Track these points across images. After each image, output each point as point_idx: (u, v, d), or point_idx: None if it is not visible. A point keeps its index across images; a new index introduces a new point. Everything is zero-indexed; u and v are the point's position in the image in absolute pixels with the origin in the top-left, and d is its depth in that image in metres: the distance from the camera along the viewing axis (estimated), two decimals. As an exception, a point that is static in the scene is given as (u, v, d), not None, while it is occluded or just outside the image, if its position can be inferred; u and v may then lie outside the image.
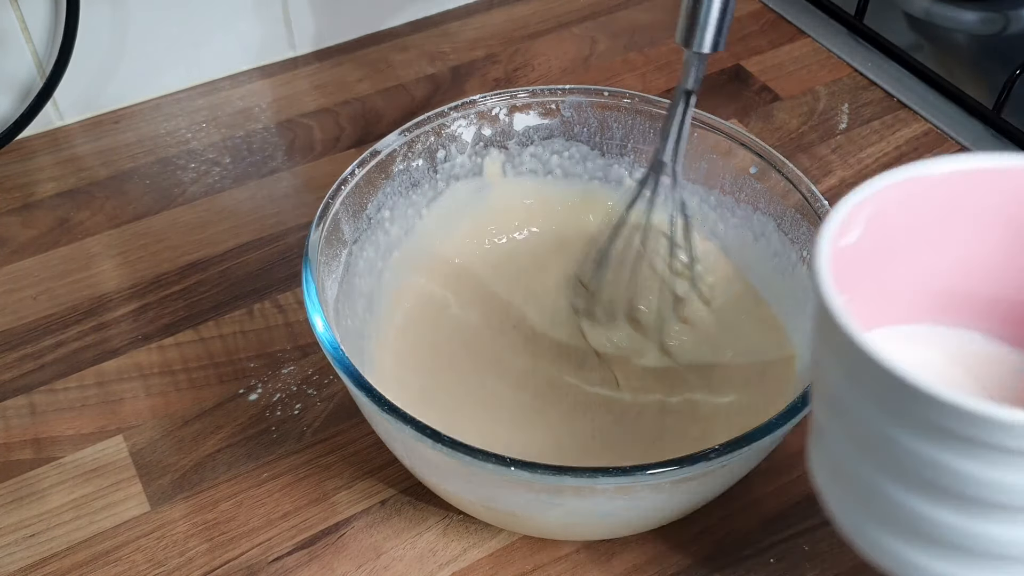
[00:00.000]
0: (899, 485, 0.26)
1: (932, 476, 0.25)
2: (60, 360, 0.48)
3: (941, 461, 0.25)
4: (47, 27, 0.57)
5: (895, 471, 0.26)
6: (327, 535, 0.42)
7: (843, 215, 0.27)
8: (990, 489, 0.25)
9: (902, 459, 0.25)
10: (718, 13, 0.39)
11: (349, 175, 0.43)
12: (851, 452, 0.27)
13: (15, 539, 0.42)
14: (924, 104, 0.62)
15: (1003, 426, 0.23)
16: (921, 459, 0.25)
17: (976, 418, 0.23)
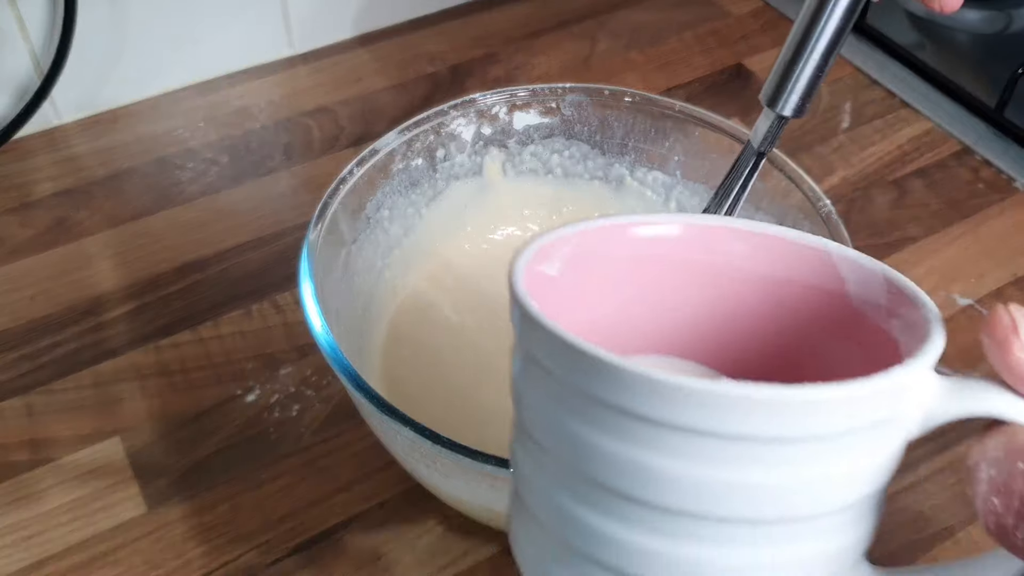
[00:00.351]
0: (599, 512, 0.24)
1: (630, 484, 0.23)
2: (57, 361, 0.48)
3: (640, 460, 0.22)
4: (45, 26, 0.57)
5: (592, 492, 0.24)
6: (325, 537, 0.42)
7: (538, 246, 0.26)
8: (696, 491, 0.22)
9: (597, 470, 0.23)
10: (810, 79, 0.37)
11: (348, 174, 0.42)
12: (546, 490, 0.25)
13: (12, 541, 0.41)
14: (926, 103, 0.62)
15: (705, 401, 0.21)
16: (618, 463, 0.23)
17: (681, 393, 0.21)
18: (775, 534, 0.23)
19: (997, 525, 0.21)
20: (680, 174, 0.48)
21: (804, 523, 0.23)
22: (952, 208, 0.56)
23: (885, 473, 0.24)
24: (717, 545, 0.23)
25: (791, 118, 0.38)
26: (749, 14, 0.69)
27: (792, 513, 0.23)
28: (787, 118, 0.38)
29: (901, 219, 0.55)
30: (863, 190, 0.57)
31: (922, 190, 0.57)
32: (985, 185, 0.57)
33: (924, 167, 0.58)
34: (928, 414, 0.23)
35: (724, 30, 0.68)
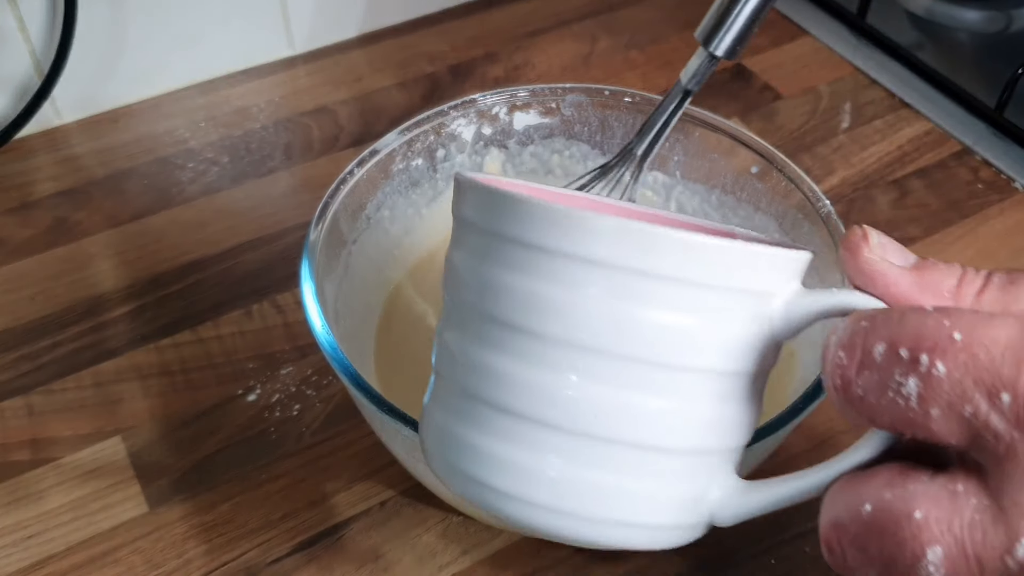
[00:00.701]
0: (497, 351, 0.27)
1: (525, 316, 0.26)
2: (58, 361, 0.48)
3: (534, 290, 0.26)
4: (45, 26, 0.57)
5: (495, 332, 0.27)
6: (326, 536, 0.42)
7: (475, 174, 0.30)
8: (575, 319, 0.25)
9: (502, 307, 0.26)
10: (747, 21, 0.39)
11: (348, 174, 0.42)
12: (457, 346, 0.28)
13: (13, 540, 0.41)
14: (926, 103, 0.62)
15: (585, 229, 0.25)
16: (518, 295, 0.26)
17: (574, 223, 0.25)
18: (637, 377, 0.25)
19: (842, 379, 0.23)
20: (680, 174, 0.48)
21: (666, 372, 0.26)
22: (952, 208, 0.56)
23: (746, 355, 0.26)
24: (594, 381, 0.25)
25: (722, 59, 0.40)
26: (749, 14, 0.69)
27: (653, 354, 0.25)
28: (718, 58, 0.40)
29: (901, 219, 0.55)
30: (863, 190, 0.57)
31: (922, 190, 0.57)
32: (985, 185, 0.57)
33: (924, 167, 0.58)
34: (788, 309, 0.26)
35: (724, 30, 0.68)
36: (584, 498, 0.26)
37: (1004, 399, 0.21)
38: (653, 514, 0.27)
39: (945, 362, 0.21)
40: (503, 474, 0.27)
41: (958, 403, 0.21)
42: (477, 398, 0.27)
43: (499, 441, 0.27)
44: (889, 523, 0.22)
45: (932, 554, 0.21)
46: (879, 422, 0.23)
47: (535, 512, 0.27)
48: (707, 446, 0.27)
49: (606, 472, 0.26)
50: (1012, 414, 0.21)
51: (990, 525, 0.21)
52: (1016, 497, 0.21)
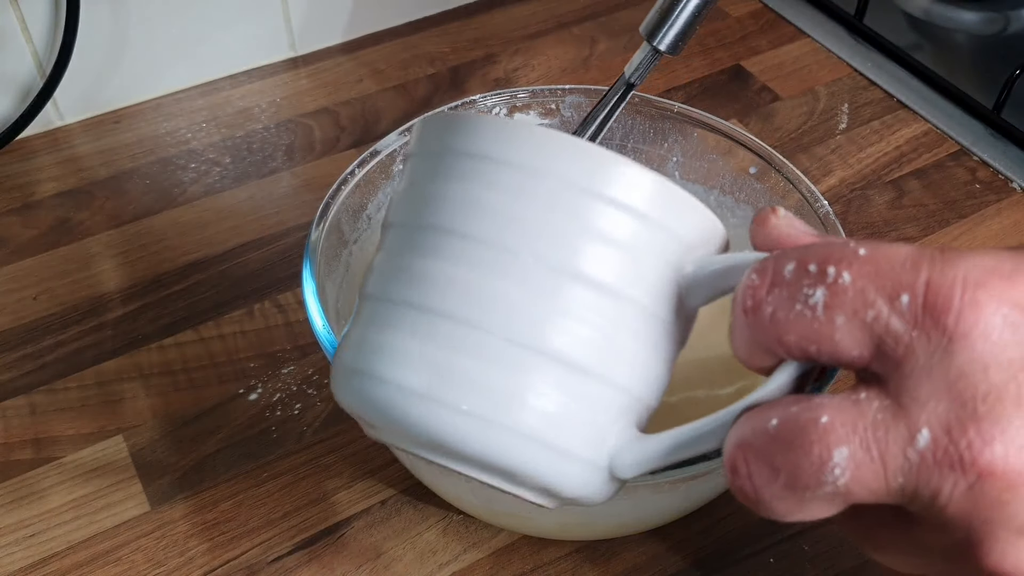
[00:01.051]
0: (422, 255, 0.27)
1: (451, 218, 0.27)
2: (60, 360, 0.48)
3: (461, 193, 0.27)
4: (47, 27, 0.57)
5: (422, 237, 0.28)
6: (327, 535, 0.42)
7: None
8: (490, 217, 0.26)
9: (432, 214, 0.28)
10: (689, 17, 0.40)
11: (349, 175, 0.43)
12: (386, 258, 0.29)
13: (15, 539, 0.42)
14: (924, 104, 0.62)
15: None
16: (446, 199, 0.27)
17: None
18: (553, 283, 0.26)
19: (753, 298, 0.24)
20: (679, 175, 0.48)
21: (589, 288, 0.26)
22: (949, 209, 0.56)
23: (663, 298, 0.27)
24: (521, 286, 0.26)
25: (665, 53, 0.41)
26: (748, 15, 0.69)
27: (577, 267, 0.26)
28: (661, 52, 0.41)
29: (899, 219, 0.55)
30: (861, 190, 0.57)
31: (920, 191, 0.57)
32: (982, 186, 0.57)
33: (922, 168, 0.58)
34: (701, 265, 0.27)
35: (723, 31, 0.68)
36: (488, 397, 0.26)
37: (903, 300, 0.22)
38: (553, 432, 0.26)
39: (851, 271, 0.23)
40: (409, 367, 0.26)
41: (861, 309, 0.22)
42: (391, 300, 0.27)
43: (411, 336, 0.27)
44: (796, 431, 0.23)
45: (839, 455, 0.22)
46: (786, 340, 0.24)
47: (438, 410, 0.26)
48: (614, 377, 0.27)
49: (513, 374, 0.26)
50: (911, 314, 0.22)
51: (891, 421, 0.22)
52: (915, 393, 0.22)
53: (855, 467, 0.22)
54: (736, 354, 0.26)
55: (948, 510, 0.22)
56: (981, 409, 0.21)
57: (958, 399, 0.21)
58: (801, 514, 0.24)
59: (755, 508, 0.24)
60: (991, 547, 0.22)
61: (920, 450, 0.22)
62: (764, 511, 0.24)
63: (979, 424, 0.21)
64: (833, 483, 0.22)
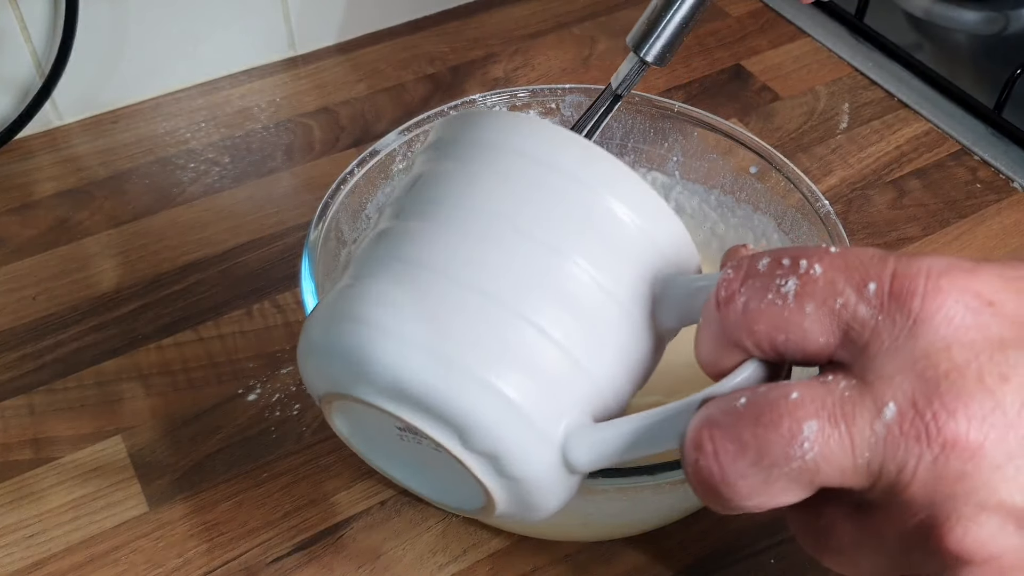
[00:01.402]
0: (412, 219, 0.29)
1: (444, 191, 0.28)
2: (59, 360, 0.48)
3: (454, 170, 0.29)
4: (46, 26, 0.57)
5: (408, 206, 0.29)
6: (326, 536, 0.42)
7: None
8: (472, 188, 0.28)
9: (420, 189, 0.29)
10: (676, 29, 0.40)
11: (348, 175, 0.43)
12: (381, 228, 0.30)
13: (14, 539, 0.42)
14: (925, 103, 0.62)
15: None
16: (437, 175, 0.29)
17: None
18: (538, 256, 0.27)
19: (727, 290, 0.25)
20: (679, 175, 0.48)
21: (560, 260, 0.27)
22: (950, 208, 0.56)
23: (627, 282, 0.28)
24: (501, 248, 0.27)
25: (652, 65, 0.41)
26: (748, 15, 0.69)
27: (549, 237, 0.27)
28: (648, 64, 0.41)
29: (899, 219, 0.55)
30: (861, 190, 0.57)
31: (920, 190, 0.57)
32: (983, 186, 0.57)
33: (922, 167, 0.58)
34: (672, 278, 0.28)
35: (723, 31, 0.68)
36: (462, 345, 0.26)
37: (871, 288, 0.23)
38: (516, 390, 0.26)
39: (822, 264, 0.24)
40: (383, 305, 0.27)
41: (830, 297, 0.23)
42: (385, 257, 0.28)
43: (392, 283, 0.27)
44: (765, 406, 0.23)
45: (808, 428, 0.23)
46: (756, 330, 0.24)
47: (408, 350, 0.26)
48: (582, 359, 0.27)
49: (494, 329, 0.27)
50: (877, 300, 0.23)
51: (858, 397, 0.23)
52: (880, 371, 0.23)
53: (823, 441, 0.23)
54: (699, 356, 0.26)
55: (912, 487, 0.22)
56: (944, 385, 0.22)
57: (922, 376, 0.22)
58: (764, 496, 0.24)
59: (716, 493, 0.24)
60: (953, 525, 0.22)
61: (887, 422, 0.22)
62: (726, 494, 0.24)
63: (943, 398, 0.22)
64: (801, 458, 0.23)
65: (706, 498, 0.25)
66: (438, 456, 0.28)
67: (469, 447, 0.27)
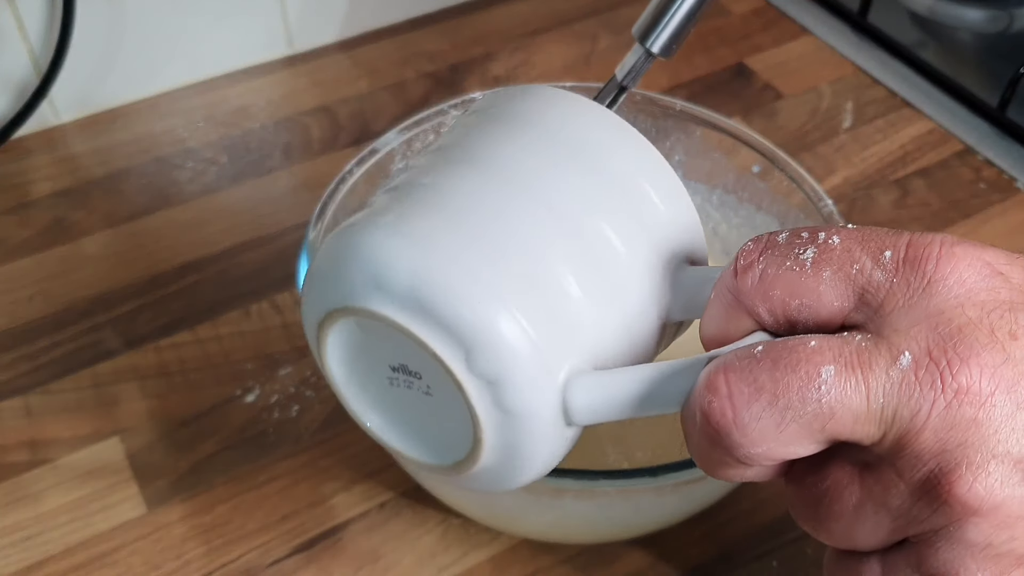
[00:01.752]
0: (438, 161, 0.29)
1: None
2: (56, 361, 0.48)
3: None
4: (43, 25, 0.56)
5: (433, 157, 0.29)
6: (325, 538, 0.41)
7: None
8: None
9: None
10: (682, 20, 0.40)
11: (347, 174, 0.42)
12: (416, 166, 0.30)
13: (10, 541, 0.41)
14: (928, 102, 0.62)
15: None
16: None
17: None
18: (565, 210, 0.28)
19: (746, 259, 0.25)
20: (682, 173, 0.48)
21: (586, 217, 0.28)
22: (954, 208, 0.56)
23: (641, 250, 0.28)
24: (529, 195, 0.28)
25: (658, 56, 0.40)
26: (751, 13, 0.69)
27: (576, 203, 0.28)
28: (655, 55, 0.40)
29: (903, 219, 0.55)
30: (865, 190, 0.57)
31: (924, 190, 0.57)
32: (987, 185, 0.57)
33: (926, 167, 0.58)
34: (683, 267, 0.29)
35: (726, 28, 0.68)
36: (489, 261, 0.27)
37: (886, 255, 0.24)
38: (529, 311, 0.26)
39: (840, 235, 0.25)
40: (424, 222, 0.27)
41: (847, 263, 0.24)
42: (418, 184, 0.29)
43: (413, 204, 0.28)
44: (784, 351, 0.24)
45: (826, 372, 0.23)
46: (771, 295, 0.25)
47: (432, 257, 0.26)
48: (597, 305, 0.27)
49: (517, 256, 0.27)
50: (892, 265, 0.24)
51: (874, 347, 0.24)
52: (895, 325, 0.24)
53: (840, 385, 0.23)
54: (705, 331, 0.27)
55: (923, 435, 0.23)
56: (957, 337, 0.23)
57: (936, 329, 0.23)
58: (774, 443, 0.24)
59: (726, 436, 0.24)
60: (961, 474, 0.23)
61: (903, 369, 0.23)
62: (736, 438, 0.24)
63: (956, 348, 0.23)
64: (817, 401, 0.23)
65: (713, 445, 0.24)
66: (427, 402, 0.28)
67: (473, 369, 0.26)
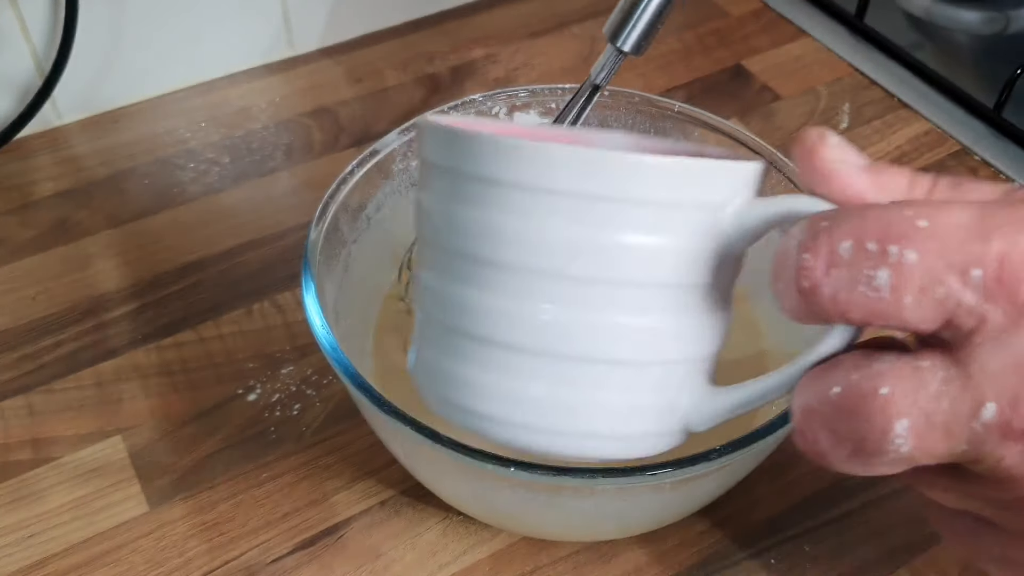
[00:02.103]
0: (464, 283, 0.28)
1: (488, 247, 0.27)
2: (58, 360, 0.48)
3: (492, 222, 0.27)
4: (46, 26, 0.57)
5: (460, 266, 0.28)
6: (326, 536, 0.42)
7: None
8: (531, 246, 0.27)
9: (466, 242, 0.28)
10: (651, 18, 0.41)
11: (348, 174, 0.43)
12: (429, 284, 0.30)
13: (13, 540, 0.42)
14: (925, 103, 0.62)
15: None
16: (478, 228, 0.27)
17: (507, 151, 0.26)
18: (601, 297, 0.27)
19: (810, 280, 0.23)
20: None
21: (628, 289, 0.27)
22: (951, 208, 0.56)
23: (704, 267, 0.27)
24: (561, 305, 0.27)
25: (629, 54, 0.41)
26: (749, 14, 0.69)
27: (614, 274, 0.26)
28: (626, 53, 0.41)
29: (900, 219, 0.55)
30: (862, 190, 0.57)
31: (921, 190, 0.57)
32: (984, 185, 0.57)
33: (923, 167, 0.58)
34: (740, 218, 0.27)
35: (724, 30, 0.68)
36: (560, 415, 0.28)
37: (974, 274, 0.22)
38: (627, 425, 0.28)
39: (915, 249, 0.22)
40: (486, 400, 0.29)
41: (931, 287, 0.22)
42: (455, 331, 0.29)
43: (480, 369, 0.28)
44: (857, 401, 0.23)
45: (900, 426, 0.22)
46: (851, 317, 0.23)
47: (518, 432, 0.29)
48: (673, 357, 0.28)
49: (579, 389, 0.28)
50: (983, 287, 0.22)
51: (957, 393, 0.22)
52: (984, 363, 0.22)
53: (917, 437, 0.23)
54: (785, 314, 0.25)
55: (1012, 471, 0.22)
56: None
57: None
58: (870, 472, 0.24)
59: (825, 466, 0.25)
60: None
61: (985, 422, 0.22)
62: (834, 468, 0.25)
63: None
64: (896, 451, 0.23)
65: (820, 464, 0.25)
66: None
67: (605, 459, 0.30)
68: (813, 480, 0.43)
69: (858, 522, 0.42)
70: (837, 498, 0.43)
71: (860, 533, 0.42)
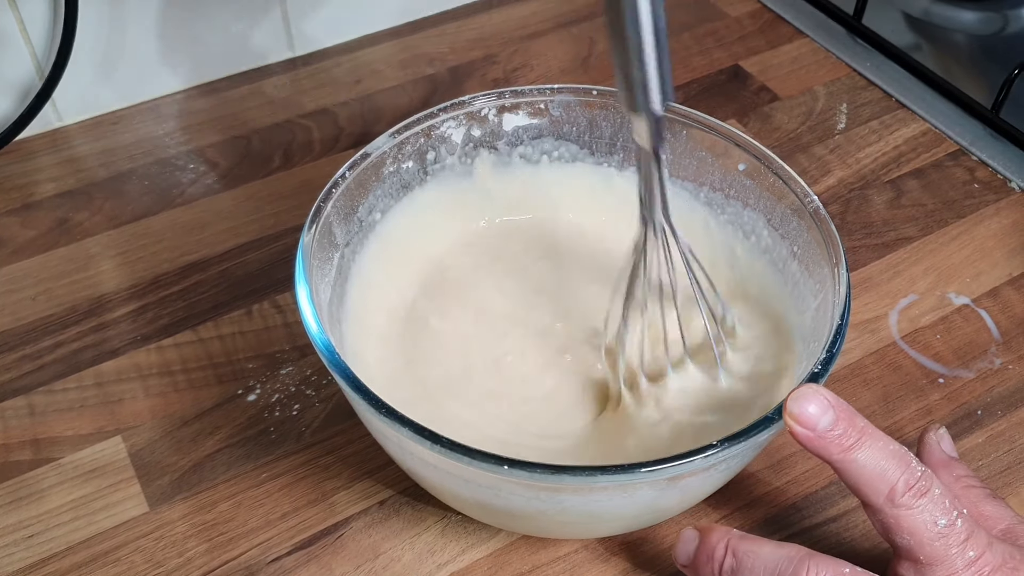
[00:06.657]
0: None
1: None
2: (59, 361, 0.48)
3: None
4: (46, 28, 0.57)
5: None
6: (326, 535, 0.42)
7: None
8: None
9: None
10: (655, 66, 0.34)
11: (340, 178, 0.43)
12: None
13: (14, 539, 0.42)
14: (922, 104, 0.62)
15: None
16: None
17: None
18: None
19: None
20: (668, 172, 0.48)
21: None
22: (948, 208, 0.56)
23: None
24: None
25: (663, 109, 0.36)
26: (747, 15, 0.69)
27: None
28: (657, 113, 0.36)
29: (897, 219, 0.56)
30: (859, 190, 0.57)
31: (918, 190, 0.57)
32: (981, 186, 0.57)
33: (920, 168, 0.59)
34: None
35: (722, 31, 0.68)
36: None
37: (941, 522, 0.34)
38: None
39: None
40: None
41: (941, 510, 0.34)
42: None
43: None
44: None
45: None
46: None
47: None
48: None
49: None
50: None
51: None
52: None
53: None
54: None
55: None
56: None
57: None
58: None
59: None
60: None
61: None
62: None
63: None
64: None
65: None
66: None
67: None
68: (812, 479, 0.43)
69: (857, 522, 0.42)
70: (836, 498, 0.43)
71: (859, 533, 0.42)
